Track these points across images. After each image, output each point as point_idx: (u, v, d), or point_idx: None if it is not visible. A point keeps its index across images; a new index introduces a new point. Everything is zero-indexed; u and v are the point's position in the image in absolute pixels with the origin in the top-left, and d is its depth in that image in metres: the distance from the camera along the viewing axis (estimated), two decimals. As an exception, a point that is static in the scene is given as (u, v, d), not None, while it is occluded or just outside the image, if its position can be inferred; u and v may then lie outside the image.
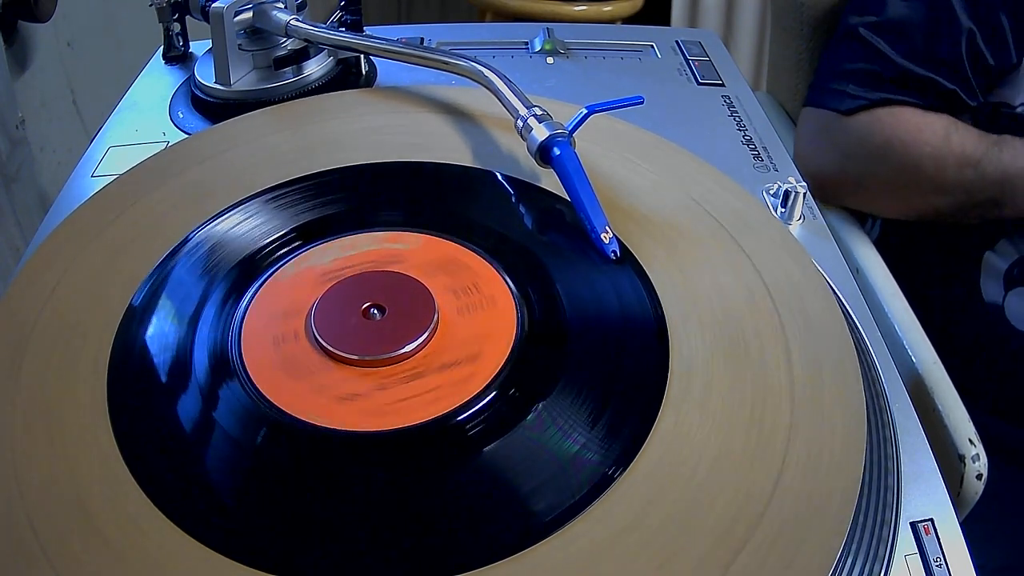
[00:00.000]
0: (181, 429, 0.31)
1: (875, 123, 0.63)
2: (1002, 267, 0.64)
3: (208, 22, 0.50)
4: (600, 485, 0.29)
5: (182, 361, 0.33)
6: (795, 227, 0.46)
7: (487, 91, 0.45)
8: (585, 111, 0.41)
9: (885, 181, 0.64)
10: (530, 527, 0.28)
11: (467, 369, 0.32)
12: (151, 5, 0.55)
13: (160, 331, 0.35)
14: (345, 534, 0.28)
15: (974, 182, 0.60)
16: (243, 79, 0.52)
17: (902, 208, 0.66)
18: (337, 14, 0.55)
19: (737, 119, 0.54)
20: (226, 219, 0.39)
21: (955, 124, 0.61)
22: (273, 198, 0.41)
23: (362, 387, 0.32)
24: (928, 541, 0.32)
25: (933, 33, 0.62)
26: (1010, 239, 0.64)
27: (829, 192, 0.67)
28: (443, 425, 0.30)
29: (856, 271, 0.60)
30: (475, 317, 0.35)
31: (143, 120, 0.52)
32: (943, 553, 0.31)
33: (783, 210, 0.46)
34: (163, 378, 0.33)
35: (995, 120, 0.63)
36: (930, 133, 0.61)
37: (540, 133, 0.40)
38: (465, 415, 0.31)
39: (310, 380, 0.32)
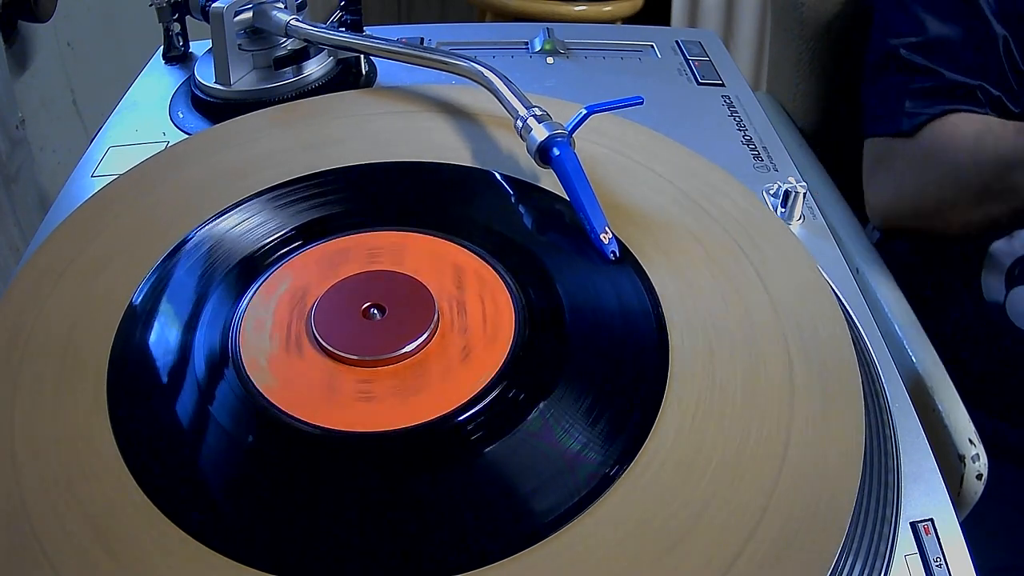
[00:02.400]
0: (181, 428, 0.31)
1: (939, 136, 0.62)
2: (1004, 265, 0.64)
3: (208, 22, 0.50)
4: (600, 485, 0.29)
5: (182, 361, 0.33)
6: (795, 227, 0.45)
7: (487, 91, 0.45)
8: (585, 111, 0.41)
9: (956, 194, 0.62)
10: (530, 527, 0.28)
11: (467, 369, 0.32)
12: (151, 5, 0.56)
13: (160, 331, 0.35)
14: (345, 534, 0.28)
15: None
16: (243, 79, 0.52)
17: (966, 222, 0.63)
18: (337, 14, 0.55)
19: (737, 119, 0.54)
20: (226, 219, 0.39)
21: (1004, 124, 0.61)
22: (273, 198, 0.41)
23: (362, 387, 0.32)
24: (928, 541, 0.32)
25: (975, 45, 0.62)
26: (1010, 239, 0.64)
27: (907, 219, 0.66)
28: (443, 425, 0.30)
29: (856, 271, 0.60)
30: (475, 317, 0.35)
31: (143, 120, 0.52)
32: (943, 553, 0.31)
33: (783, 210, 0.46)
34: (163, 378, 0.33)
35: None
36: (991, 137, 0.60)
37: (540, 133, 0.40)
38: (465, 415, 0.31)
39: (310, 380, 0.32)
